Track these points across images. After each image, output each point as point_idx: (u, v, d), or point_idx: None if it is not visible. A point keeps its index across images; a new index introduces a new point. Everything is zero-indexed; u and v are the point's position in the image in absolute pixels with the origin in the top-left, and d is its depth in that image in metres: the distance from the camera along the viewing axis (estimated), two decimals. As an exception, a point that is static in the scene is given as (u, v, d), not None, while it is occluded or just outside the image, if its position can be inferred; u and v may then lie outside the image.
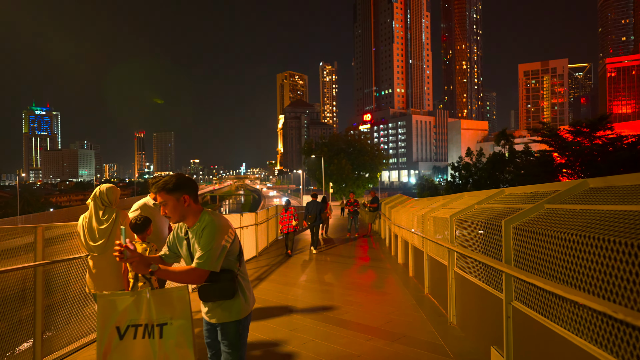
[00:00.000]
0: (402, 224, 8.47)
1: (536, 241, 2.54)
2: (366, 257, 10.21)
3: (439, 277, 5.15)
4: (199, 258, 2.14)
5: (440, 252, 5.09)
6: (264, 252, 11.51)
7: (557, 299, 2.30)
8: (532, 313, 2.58)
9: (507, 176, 45.72)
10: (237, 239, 2.38)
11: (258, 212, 10.87)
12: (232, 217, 8.86)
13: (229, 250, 2.25)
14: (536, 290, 2.55)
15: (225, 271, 2.26)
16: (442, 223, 4.94)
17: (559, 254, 2.24)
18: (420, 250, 6.42)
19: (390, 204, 11.59)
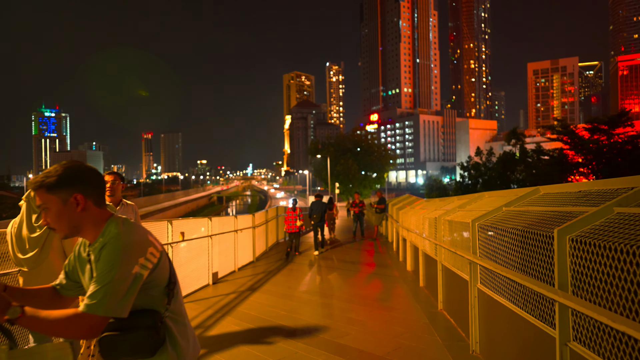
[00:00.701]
0: (411, 227, 7.65)
1: (609, 260, 1.73)
2: (372, 263, 9.40)
3: (457, 292, 4.34)
4: (90, 297, 1.33)
5: (458, 262, 4.27)
6: (262, 256, 10.74)
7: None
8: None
9: (519, 176, 44.59)
10: (166, 260, 1.53)
11: (255, 214, 10.11)
12: (225, 220, 8.10)
13: (149, 280, 1.43)
14: (613, 334, 1.74)
15: (142, 313, 1.43)
16: (460, 228, 4.12)
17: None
18: (432, 259, 5.60)
19: (398, 205, 10.77)
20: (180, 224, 5.87)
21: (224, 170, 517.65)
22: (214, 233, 7.10)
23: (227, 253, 8.03)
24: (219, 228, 7.45)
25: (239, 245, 8.63)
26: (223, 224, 7.76)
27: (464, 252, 3.73)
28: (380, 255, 10.51)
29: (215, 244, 7.28)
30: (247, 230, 9.49)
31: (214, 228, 7.16)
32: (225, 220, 8.03)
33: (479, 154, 46.02)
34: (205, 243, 6.87)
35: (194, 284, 6.45)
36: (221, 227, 7.65)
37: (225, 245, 7.88)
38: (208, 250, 6.92)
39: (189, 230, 6.22)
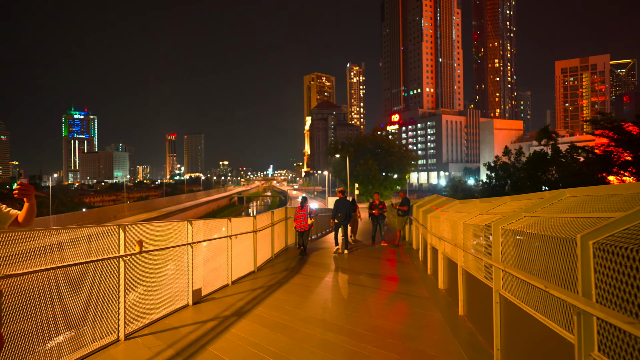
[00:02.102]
0: (443, 236, 6.05)
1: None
2: (394, 277, 7.80)
3: (535, 342, 2.75)
4: None
5: (535, 298, 2.68)
6: (266, 265, 9.27)
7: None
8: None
9: (551, 177, 41.90)
10: None
11: (257, 217, 8.64)
12: (214, 224, 6.66)
13: None
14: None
15: None
16: (545, 247, 2.53)
17: None
18: (480, 281, 4.01)
19: (425, 207, 9.14)
20: (138, 232, 4.44)
21: (245, 171, 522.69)
22: (196, 240, 5.67)
23: (217, 263, 6.60)
24: (204, 234, 6.03)
25: (233, 253, 7.19)
26: (211, 228, 6.33)
27: (561, 292, 2.12)
28: (404, 266, 8.90)
29: (198, 253, 5.86)
30: (246, 236, 8.05)
31: (196, 234, 5.75)
32: (215, 224, 6.60)
33: (507, 153, 43.56)
34: (181, 253, 5.45)
35: (165, 305, 5.03)
36: (209, 232, 6.22)
37: (213, 254, 6.46)
38: (187, 261, 5.50)
39: (159, 238, 4.81)
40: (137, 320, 4.39)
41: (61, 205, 75.16)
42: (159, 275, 4.83)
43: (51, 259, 3.15)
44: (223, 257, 6.85)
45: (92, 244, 3.66)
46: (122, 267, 4.07)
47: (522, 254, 2.92)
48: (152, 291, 4.71)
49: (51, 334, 3.19)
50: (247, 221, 8.12)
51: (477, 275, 4.17)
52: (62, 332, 3.28)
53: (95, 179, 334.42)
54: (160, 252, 4.83)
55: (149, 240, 4.57)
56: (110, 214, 48.24)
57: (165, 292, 4.99)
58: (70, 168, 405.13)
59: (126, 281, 4.13)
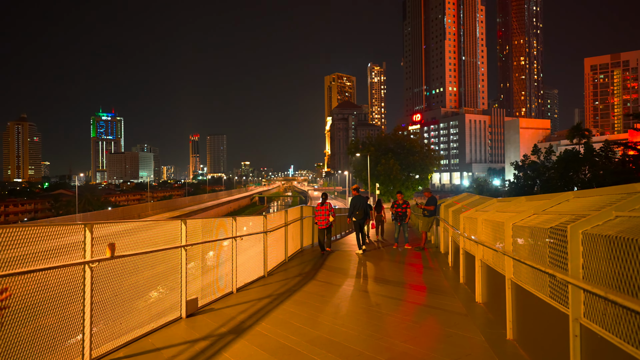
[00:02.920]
0: (483, 240, 5.08)
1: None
2: (421, 286, 6.84)
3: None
4: None
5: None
6: (278, 269, 8.43)
7: None
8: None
9: (584, 176, 39.72)
10: None
11: (268, 216, 7.81)
12: (213, 225, 5.85)
13: None
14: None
15: None
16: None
17: None
18: (547, 305, 3.04)
19: (455, 206, 8.13)
20: (113, 232, 3.65)
21: (266, 172, 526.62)
22: (190, 242, 4.88)
23: (219, 269, 5.81)
24: (202, 235, 5.23)
25: (239, 256, 6.39)
26: (212, 228, 5.53)
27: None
28: (432, 273, 7.91)
29: (194, 256, 5.06)
30: (255, 237, 7.24)
31: (193, 235, 4.96)
32: (217, 224, 5.79)
33: (537, 152, 41.54)
34: (174, 257, 4.66)
35: (151, 319, 4.25)
36: (208, 233, 5.43)
37: (214, 258, 5.66)
38: (181, 266, 4.72)
39: (144, 240, 4.04)
40: (111, 339, 3.62)
41: (88, 204, 77.03)
42: (142, 285, 4.05)
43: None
44: (225, 262, 6.05)
45: (47, 245, 2.89)
46: (88, 275, 3.30)
47: (625, 272, 1.98)
48: (132, 304, 3.93)
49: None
50: (255, 221, 7.30)
51: (537, 292, 3.21)
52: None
53: (122, 178, 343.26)
54: (144, 257, 4.05)
55: (131, 244, 3.79)
56: (135, 212, 49.35)
57: (150, 303, 4.21)
58: (98, 168, 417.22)
59: (95, 293, 3.36)
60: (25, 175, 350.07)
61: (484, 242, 5.04)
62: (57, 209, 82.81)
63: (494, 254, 4.62)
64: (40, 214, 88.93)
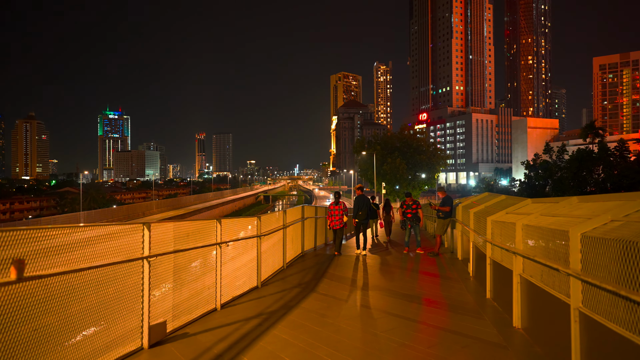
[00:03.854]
0: (527, 251, 4.03)
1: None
2: (441, 302, 5.78)
3: None
4: None
5: None
6: (274, 278, 7.37)
7: None
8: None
9: (597, 176, 38.34)
10: None
11: (263, 217, 6.79)
12: (197, 227, 4.85)
13: None
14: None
15: None
16: None
17: None
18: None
19: (477, 208, 7.06)
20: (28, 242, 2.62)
21: (272, 170, 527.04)
22: (156, 253, 3.86)
23: (198, 282, 4.79)
24: (173, 243, 4.19)
25: (226, 265, 5.38)
26: (189, 234, 4.50)
27: None
28: (451, 285, 6.84)
29: (163, 271, 4.04)
30: (246, 243, 6.21)
31: (159, 243, 3.94)
32: (197, 227, 4.75)
33: (549, 151, 40.15)
34: (133, 272, 3.64)
35: (96, 354, 3.23)
36: (184, 239, 4.40)
37: (191, 271, 4.64)
38: (142, 282, 3.70)
39: (85, 256, 3.03)
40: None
41: (93, 201, 76.71)
42: (78, 314, 3.02)
43: None
44: (209, 273, 5.04)
45: None
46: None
47: None
48: (64, 335, 2.91)
49: None
50: (246, 223, 6.27)
51: (623, 331, 2.16)
52: None
53: (128, 177, 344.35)
54: (84, 275, 3.04)
55: (64, 259, 2.78)
56: (139, 210, 49.10)
57: (92, 333, 3.19)
58: (105, 166, 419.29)
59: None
60: (33, 173, 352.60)
61: (526, 253, 3.98)
62: (62, 206, 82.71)
63: (545, 271, 3.57)
64: (46, 211, 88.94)
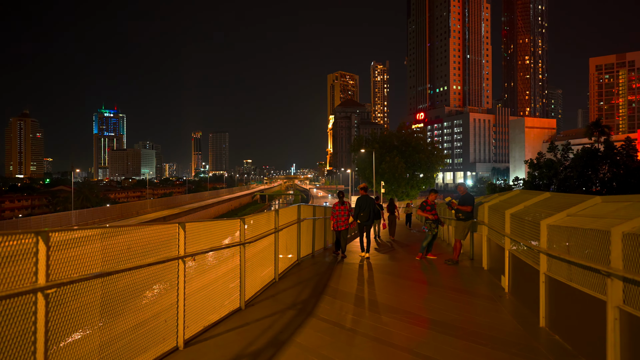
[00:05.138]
0: (624, 271, 2.65)
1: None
2: (478, 332, 4.36)
3: None
4: None
5: None
6: (263, 295, 5.93)
7: None
8: None
9: (603, 175, 37.18)
10: None
11: (247, 220, 5.35)
12: (142, 235, 3.34)
13: None
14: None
15: None
16: None
17: None
18: None
19: (516, 208, 5.69)
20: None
21: (269, 170, 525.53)
22: (57, 282, 2.40)
23: (143, 312, 3.34)
24: (103, 259, 2.75)
25: (192, 282, 3.97)
26: (128, 249, 3.05)
27: None
28: (485, 305, 5.42)
29: (79, 309, 2.59)
30: (222, 254, 4.79)
31: (57, 266, 2.48)
32: (143, 236, 3.30)
33: (553, 149, 38.89)
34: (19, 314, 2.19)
35: None
36: (124, 254, 2.97)
37: (137, 294, 3.20)
38: (35, 322, 2.27)
39: None
40: None
41: (86, 200, 75.17)
42: None
43: None
44: (168, 296, 3.61)
45: None
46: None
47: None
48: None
49: None
50: (226, 228, 4.83)
51: None
52: None
53: (124, 175, 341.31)
54: None
55: None
56: (133, 209, 48.24)
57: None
58: (100, 165, 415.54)
59: None
60: (27, 172, 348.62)
61: (627, 274, 2.59)
62: (54, 205, 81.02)
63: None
64: (37, 210, 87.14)
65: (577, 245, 3.68)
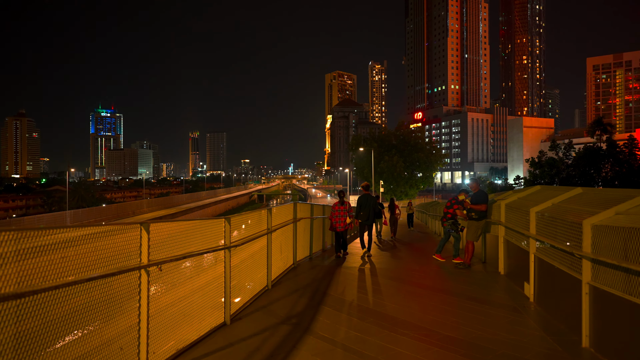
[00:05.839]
0: None
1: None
2: (510, 354, 3.63)
3: None
4: None
5: None
6: (253, 306, 5.14)
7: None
8: None
9: (605, 174, 36.60)
10: None
11: (234, 220, 4.56)
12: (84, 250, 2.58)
13: None
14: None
15: None
16: None
17: None
18: None
19: (542, 205, 4.96)
20: None
21: (266, 170, 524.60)
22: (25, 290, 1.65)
23: (109, 329, 2.58)
24: (59, 266, 1.99)
25: (166, 296, 3.21)
26: (83, 254, 2.30)
27: None
28: (510, 317, 4.68)
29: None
30: (208, 259, 4.03)
31: (33, 269, 1.73)
32: (101, 241, 2.55)
33: (555, 147, 38.25)
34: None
35: None
36: (78, 260, 2.22)
37: (95, 313, 2.44)
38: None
39: None
40: None
41: (81, 200, 74.41)
42: None
43: None
44: (126, 317, 2.85)
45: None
46: None
47: None
48: None
49: None
50: (206, 229, 4.06)
51: None
52: None
53: (121, 175, 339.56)
54: None
55: None
56: (129, 209, 47.60)
57: None
58: (97, 165, 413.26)
59: None
60: (24, 171, 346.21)
61: None
62: (49, 205, 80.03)
63: None
64: (32, 210, 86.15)
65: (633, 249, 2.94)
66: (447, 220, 8.28)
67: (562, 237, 4.17)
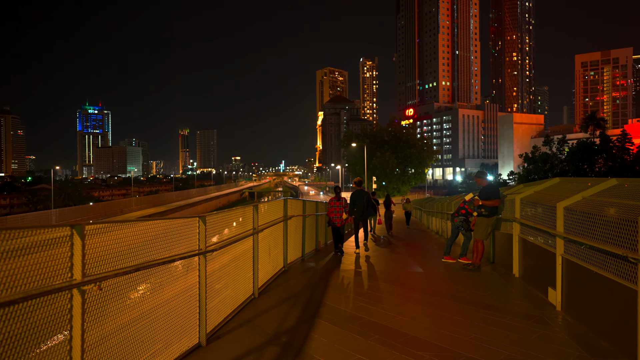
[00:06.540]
0: None
1: None
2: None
3: None
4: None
5: None
6: (235, 319, 4.36)
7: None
8: None
9: (599, 169, 36.48)
10: None
11: (209, 219, 3.80)
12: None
13: None
14: None
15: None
16: None
17: None
18: None
19: (571, 199, 4.27)
20: None
21: (257, 167, 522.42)
22: None
23: None
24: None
25: (111, 320, 2.45)
26: None
27: None
28: (537, 330, 3.98)
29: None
30: (176, 268, 3.26)
31: None
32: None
33: (548, 143, 37.97)
34: None
35: None
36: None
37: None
38: None
39: None
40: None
41: (67, 198, 72.77)
42: None
43: None
44: (58, 350, 2.08)
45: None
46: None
47: None
48: None
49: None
50: (174, 230, 3.29)
51: None
52: None
53: (109, 173, 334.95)
54: None
55: None
56: (117, 208, 46.58)
57: None
58: (84, 162, 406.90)
59: None
60: (9, 170, 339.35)
61: None
62: (34, 203, 78.18)
63: None
64: (17, 209, 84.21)
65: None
66: (459, 217, 7.56)
67: (604, 237, 3.46)
